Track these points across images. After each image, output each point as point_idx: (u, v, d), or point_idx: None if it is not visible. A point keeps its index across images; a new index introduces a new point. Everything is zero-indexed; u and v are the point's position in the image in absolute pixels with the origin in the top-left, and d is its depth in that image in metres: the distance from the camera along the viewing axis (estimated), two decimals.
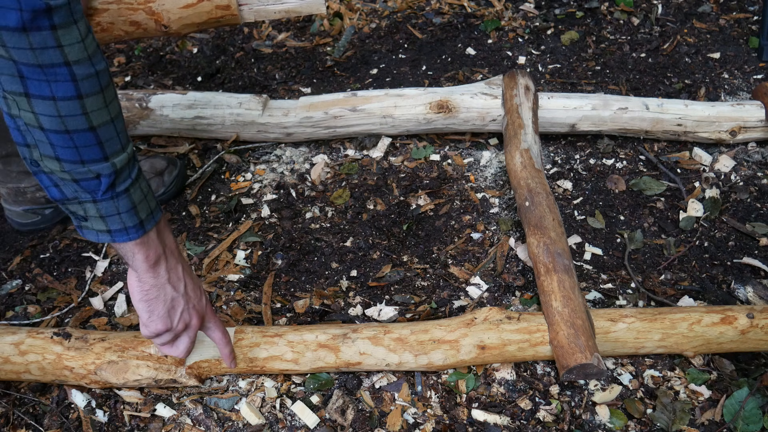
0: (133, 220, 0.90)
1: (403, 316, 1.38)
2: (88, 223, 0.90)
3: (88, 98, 0.80)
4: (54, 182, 0.85)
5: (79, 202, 0.87)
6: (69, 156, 0.82)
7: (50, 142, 0.81)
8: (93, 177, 0.85)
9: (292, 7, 1.44)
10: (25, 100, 0.78)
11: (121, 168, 0.87)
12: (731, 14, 2.28)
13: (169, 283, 1.00)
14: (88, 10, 1.36)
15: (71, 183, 0.85)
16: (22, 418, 1.21)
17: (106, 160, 0.85)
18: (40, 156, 0.83)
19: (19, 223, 1.55)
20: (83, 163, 0.83)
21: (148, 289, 0.98)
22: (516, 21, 2.28)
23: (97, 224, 0.90)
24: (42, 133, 0.80)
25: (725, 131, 1.72)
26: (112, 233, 0.91)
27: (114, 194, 0.87)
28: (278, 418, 1.21)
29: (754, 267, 1.47)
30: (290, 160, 1.77)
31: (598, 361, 1.12)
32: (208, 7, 1.39)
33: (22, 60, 0.75)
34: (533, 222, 1.39)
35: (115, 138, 0.85)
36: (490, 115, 1.71)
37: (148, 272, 0.97)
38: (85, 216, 0.89)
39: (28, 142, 0.82)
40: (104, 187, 0.86)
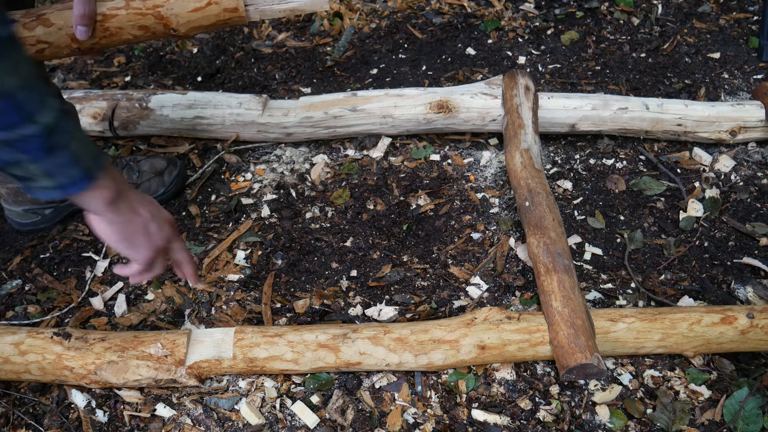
0: (79, 171, 0.91)
1: (403, 316, 1.38)
2: (35, 182, 0.90)
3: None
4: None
5: (20, 165, 0.87)
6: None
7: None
8: (22, 139, 0.84)
9: (297, 6, 1.44)
10: None
11: (53, 125, 0.86)
12: (731, 14, 2.28)
13: (134, 213, 1.02)
14: (96, 15, 1.36)
15: (5, 147, 0.84)
16: (22, 418, 1.21)
17: (32, 121, 0.84)
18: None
19: (19, 223, 1.55)
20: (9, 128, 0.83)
21: (120, 227, 1.00)
22: (516, 21, 2.28)
23: (45, 181, 0.89)
24: None
25: (725, 131, 1.72)
26: (63, 187, 0.91)
27: (51, 150, 0.87)
28: (278, 418, 1.21)
29: (754, 267, 1.47)
30: (290, 160, 1.77)
31: (598, 361, 1.12)
32: (216, 10, 1.39)
33: None
34: (533, 222, 1.39)
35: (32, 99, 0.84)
36: (490, 115, 1.71)
37: (111, 212, 0.98)
38: (30, 176, 0.89)
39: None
40: (39, 146, 0.85)
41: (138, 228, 1.03)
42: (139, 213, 1.04)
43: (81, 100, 1.76)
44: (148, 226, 1.05)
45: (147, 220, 1.05)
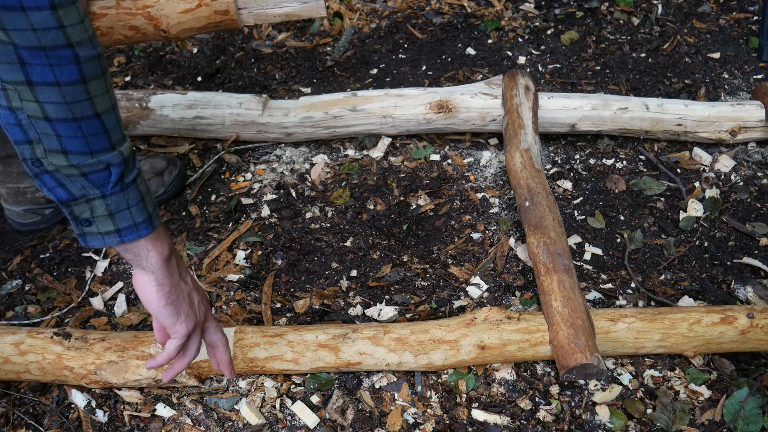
0: (143, 214, 0.86)
1: (403, 316, 1.38)
2: (93, 227, 0.85)
3: (92, 82, 0.77)
4: (59, 181, 0.80)
5: (87, 200, 0.82)
6: (77, 147, 0.78)
7: (57, 134, 0.77)
8: (103, 168, 0.81)
9: (291, 11, 1.44)
10: (28, 89, 0.74)
11: (128, 156, 0.83)
12: (731, 14, 2.28)
13: (182, 279, 0.95)
14: (86, 14, 1.36)
15: (79, 178, 0.80)
16: (22, 418, 1.21)
17: (113, 149, 0.81)
18: (44, 152, 0.78)
19: (19, 223, 1.55)
20: (92, 153, 0.79)
21: (169, 290, 0.92)
22: (516, 21, 2.28)
23: (104, 225, 0.84)
24: (47, 124, 0.76)
25: (725, 131, 1.72)
26: (120, 232, 0.85)
27: (123, 186, 0.83)
28: (278, 418, 1.21)
29: (754, 267, 1.47)
30: (290, 160, 1.77)
31: (598, 361, 1.12)
32: (206, 12, 1.39)
33: (24, 43, 0.71)
34: (533, 222, 1.39)
35: (117, 126, 0.82)
36: (490, 115, 1.71)
37: (164, 270, 0.91)
38: (91, 218, 0.84)
39: (30, 137, 0.77)
40: (114, 179, 0.82)
41: (184, 295, 0.96)
42: (185, 279, 0.97)
43: None
44: (192, 295, 0.98)
45: (191, 289, 0.98)
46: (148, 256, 0.89)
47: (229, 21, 1.41)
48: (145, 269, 0.90)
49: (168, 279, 0.92)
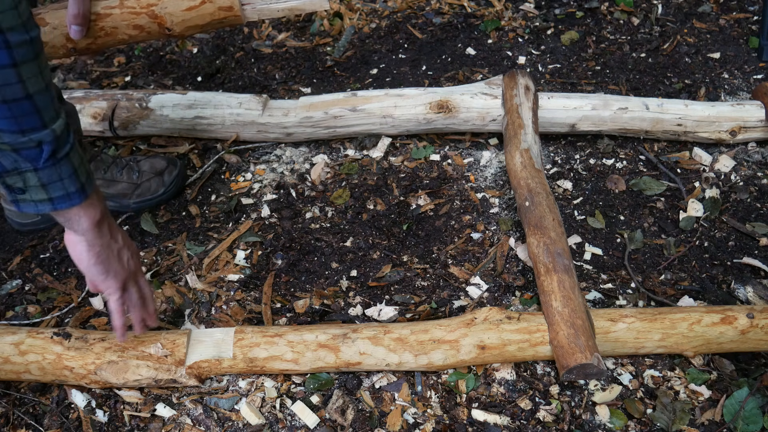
0: (75, 185, 0.90)
1: (403, 316, 1.38)
2: (26, 194, 0.89)
3: (23, 65, 0.79)
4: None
5: (19, 173, 0.86)
6: (8, 126, 0.81)
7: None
8: (34, 146, 0.84)
9: (295, 5, 1.43)
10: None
11: (61, 133, 0.86)
12: (731, 14, 2.28)
13: (112, 238, 1.02)
14: (90, 15, 1.36)
15: (11, 154, 0.84)
16: (22, 418, 1.21)
17: (45, 127, 0.84)
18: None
19: (19, 223, 1.55)
20: (23, 132, 0.82)
21: (99, 250, 0.99)
22: (516, 21, 2.28)
23: (37, 194, 0.89)
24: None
25: (725, 131, 1.72)
26: (53, 200, 0.90)
27: (56, 161, 0.87)
28: (278, 418, 1.21)
29: (754, 267, 1.47)
30: (290, 160, 1.77)
31: (598, 361, 1.12)
32: (210, 8, 1.39)
33: None
34: (533, 222, 1.39)
35: (50, 105, 0.84)
36: (490, 115, 1.71)
37: (95, 233, 0.97)
38: (24, 187, 0.88)
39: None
40: (46, 155, 0.85)
41: (114, 253, 1.03)
42: (116, 239, 1.03)
43: (81, 100, 1.76)
44: (122, 252, 1.05)
45: (121, 246, 1.05)
46: (80, 221, 0.95)
47: (233, 17, 1.41)
48: (76, 232, 0.96)
49: (98, 240, 0.98)
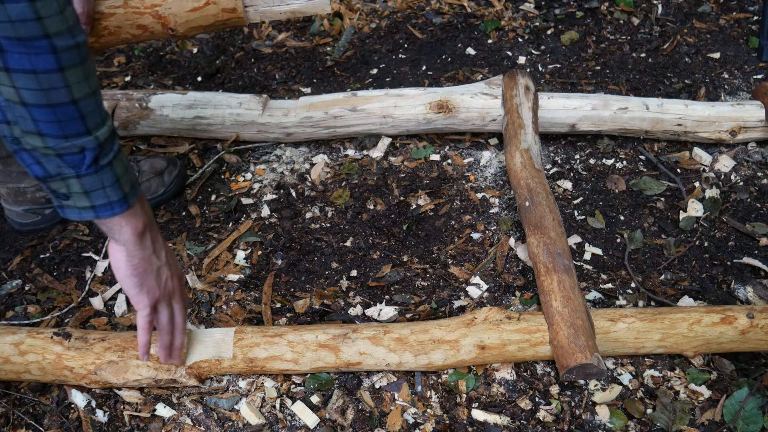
0: (118, 194, 0.90)
1: (403, 316, 1.38)
2: (70, 201, 0.89)
3: (70, 70, 0.80)
4: (36, 159, 0.85)
5: (63, 179, 0.86)
6: (52, 131, 0.82)
7: (32, 118, 0.80)
8: (77, 151, 0.84)
9: (297, 8, 1.44)
10: (5, 75, 0.77)
11: (104, 141, 0.87)
12: (731, 14, 2.28)
13: (154, 254, 1.00)
14: (94, 14, 1.36)
15: (54, 158, 0.84)
16: (22, 418, 1.21)
17: (89, 133, 0.84)
18: (21, 133, 0.82)
19: (19, 223, 1.55)
20: (67, 137, 0.83)
21: (137, 262, 0.98)
22: (516, 21, 2.28)
23: (80, 201, 0.89)
24: (24, 109, 0.80)
25: (725, 131, 1.72)
26: (96, 209, 0.90)
27: (98, 168, 0.87)
28: (278, 418, 1.21)
29: (754, 267, 1.47)
30: (290, 160, 1.77)
31: (598, 361, 1.12)
32: (214, 10, 1.39)
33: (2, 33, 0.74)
34: (533, 222, 1.39)
35: (96, 111, 0.85)
36: (490, 115, 1.71)
37: (136, 244, 0.96)
38: (68, 193, 0.88)
39: (8, 118, 0.81)
40: (89, 161, 0.85)
41: (153, 269, 1.01)
42: (159, 255, 1.02)
43: None
44: (162, 270, 1.03)
45: (162, 264, 1.03)
46: (122, 231, 0.94)
47: (236, 19, 1.41)
48: (118, 241, 0.96)
49: (138, 252, 0.97)
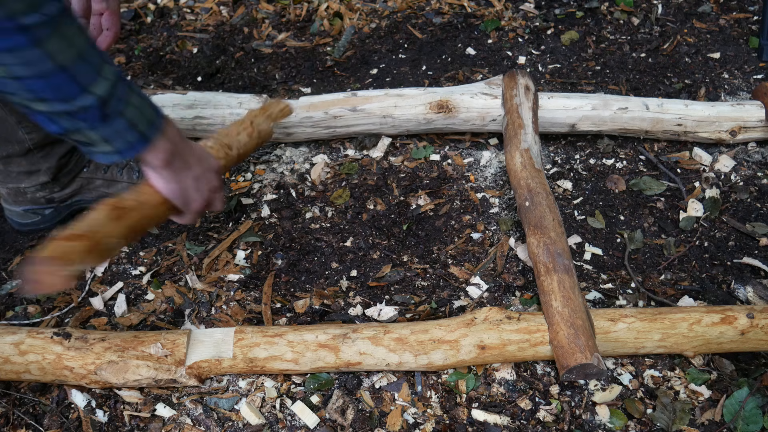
0: (135, 135, 0.96)
1: (403, 316, 1.38)
2: (94, 147, 0.95)
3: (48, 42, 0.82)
4: (50, 119, 0.89)
5: (79, 131, 0.92)
6: (52, 95, 0.86)
7: (29, 89, 0.85)
8: (83, 110, 0.89)
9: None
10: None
11: (107, 95, 0.90)
12: (731, 14, 2.28)
13: (187, 170, 1.08)
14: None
15: (65, 116, 0.89)
16: (22, 418, 1.21)
17: (87, 92, 0.88)
18: (27, 100, 0.87)
19: (19, 223, 1.55)
20: (66, 100, 0.87)
21: (174, 186, 1.07)
22: (516, 21, 2.28)
23: (103, 147, 0.95)
24: (18, 82, 0.84)
25: (725, 131, 1.72)
26: (120, 151, 0.96)
27: (108, 119, 0.91)
28: (278, 418, 1.21)
29: (754, 267, 1.47)
30: (290, 160, 1.77)
31: (598, 361, 1.12)
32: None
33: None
34: (533, 222, 1.39)
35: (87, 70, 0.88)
36: (490, 115, 1.71)
37: (167, 170, 1.05)
38: (90, 141, 0.94)
39: (9, 90, 0.85)
40: (97, 115, 0.90)
41: (190, 184, 1.10)
42: (191, 169, 1.10)
43: None
44: (199, 182, 1.12)
45: (198, 175, 1.11)
46: (152, 162, 1.02)
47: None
48: (152, 169, 1.05)
49: (172, 176, 1.06)
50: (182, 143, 1.08)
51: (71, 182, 1.53)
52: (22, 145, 1.38)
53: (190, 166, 1.10)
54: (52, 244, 0.96)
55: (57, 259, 0.95)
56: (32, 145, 1.39)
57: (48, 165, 1.45)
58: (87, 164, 1.54)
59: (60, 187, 1.51)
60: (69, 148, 1.48)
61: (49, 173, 1.46)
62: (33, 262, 0.94)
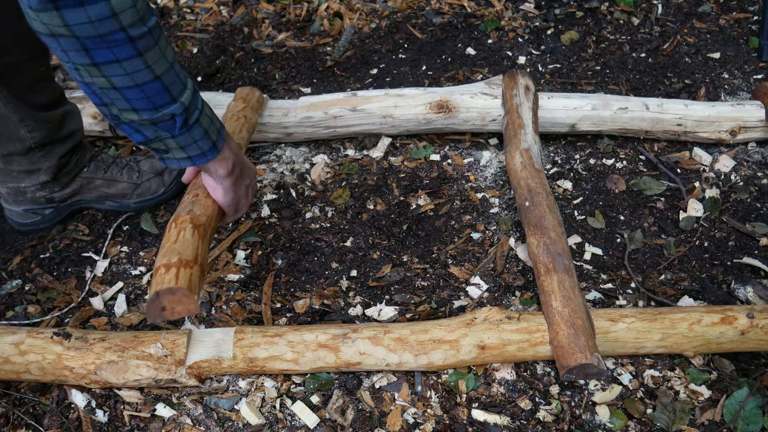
0: (208, 144, 1.06)
1: (403, 316, 1.38)
2: (169, 154, 1.05)
3: (147, 53, 0.90)
4: (135, 129, 0.99)
5: (160, 140, 1.01)
6: (144, 105, 0.94)
7: (125, 98, 0.92)
8: (168, 118, 0.97)
9: None
10: (95, 68, 0.88)
11: (189, 104, 0.99)
12: (731, 14, 2.28)
13: (241, 179, 1.20)
14: None
15: (150, 126, 0.98)
16: (22, 418, 1.21)
17: (175, 101, 0.97)
18: (119, 111, 0.95)
19: (19, 223, 1.55)
20: (157, 109, 0.95)
21: (233, 195, 1.18)
22: (516, 21, 2.28)
23: (178, 153, 1.05)
24: (116, 92, 0.91)
25: (725, 131, 1.72)
26: (192, 158, 1.06)
27: (188, 127, 1.01)
28: (278, 418, 1.21)
29: (754, 267, 1.47)
30: (290, 160, 1.77)
31: (598, 361, 1.12)
32: None
33: (84, 34, 0.83)
34: (533, 222, 1.39)
35: (176, 80, 0.96)
36: (490, 115, 1.71)
37: (230, 180, 1.15)
38: (167, 149, 1.04)
39: (105, 102, 0.94)
40: (179, 124, 0.99)
41: (243, 193, 1.22)
42: (245, 178, 1.21)
43: (81, 100, 1.76)
44: (249, 189, 1.24)
45: (249, 183, 1.23)
46: (217, 171, 1.13)
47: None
48: (215, 179, 1.15)
49: (233, 186, 1.17)
50: (240, 154, 1.18)
51: (71, 182, 1.53)
52: (24, 143, 1.38)
53: (244, 175, 1.20)
54: (177, 276, 1.02)
55: (186, 288, 1.01)
56: (33, 144, 1.39)
57: (48, 164, 1.45)
58: (87, 164, 1.54)
59: (60, 187, 1.51)
60: (70, 148, 1.48)
61: (50, 172, 1.46)
62: (163, 294, 1.00)
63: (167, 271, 1.03)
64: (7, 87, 1.30)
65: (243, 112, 1.59)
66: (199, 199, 1.20)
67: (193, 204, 1.19)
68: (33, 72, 1.34)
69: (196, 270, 1.07)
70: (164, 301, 1.00)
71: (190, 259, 1.06)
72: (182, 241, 1.10)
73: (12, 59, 1.28)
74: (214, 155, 1.09)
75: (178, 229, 1.13)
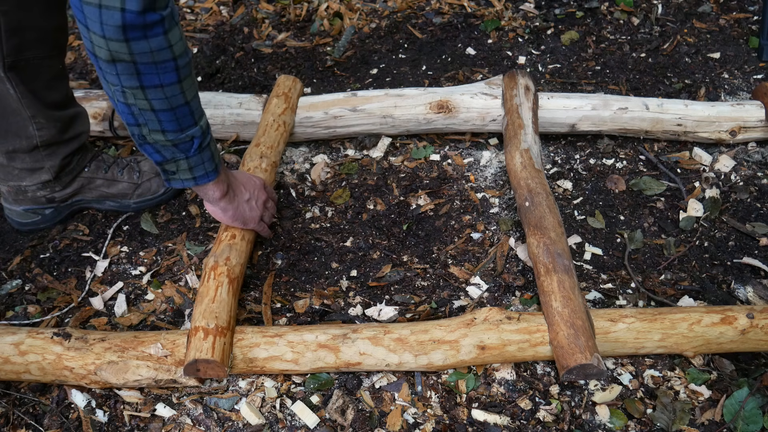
0: (212, 165, 1.17)
1: (403, 316, 1.38)
2: (176, 176, 1.16)
3: (185, 80, 1.02)
4: (156, 150, 1.10)
5: (175, 161, 1.12)
6: (172, 127, 1.06)
7: (158, 119, 1.04)
8: (189, 140, 1.10)
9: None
10: (140, 91, 0.99)
11: (206, 127, 1.12)
12: (731, 14, 2.28)
13: (238, 197, 1.31)
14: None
15: (171, 147, 1.09)
16: (22, 418, 1.21)
17: (196, 124, 1.09)
18: (148, 131, 1.06)
19: (19, 223, 1.55)
20: (182, 130, 1.08)
21: (232, 212, 1.30)
22: (516, 21, 2.28)
23: (185, 174, 1.16)
24: (153, 114, 1.03)
25: (725, 131, 1.72)
26: (196, 178, 1.17)
27: (201, 149, 1.13)
28: (278, 418, 1.21)
29: (754, 267, 1.47)
30: (290, 160, 1.77)
31: (598, 361, 1.12)
32: None
33: (142, 61, 0.95)
34: (533, 222, 1.39)
35: (199, 106, 1.09)
36: (490, 115, 1.71)
37: (225, 201, 1.27)
38: (176, 170, 1.15)
39: (139, 122, 1.04)
40: (196, 146, 1.11)
41: (243, 207, 1.33)
42: (242, 194, 1.32)
43: (81, 100, 1.76)
44: (250, 202, 1.34)
45: (248, 198, 1.34)
46: (214, 194, 1.24)
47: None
48: (212, 202, 1.28)
49: (229, 205, 1.29)
50: (231, 175, 1.30)
51: (72, 182, 1.53)
52: (30, 141, 1.39)
53: (238, 192, 1.31)
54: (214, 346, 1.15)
55: (219, 361, 1.14)
56: (40, 142, 1.40)
57: (51, 163, 1.45)
58: (88, 164, 1.54)
59: (61, 187, 1.51)
60: (74, 149, 1.48)
61: (52, 172, 1.46)
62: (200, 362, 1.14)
63: (205, 338, 1.16)
64: (24, 82, 1.31)
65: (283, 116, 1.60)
66: (235, 243, 1.33)
67: (230, 249, 1.32)
68: (51, 69, 1.35)
69: (229, 337, 1.19)
70: (200, 365, 1.15)
71: (224, 326, 1.19)
72: (219, 301, 1.22)
73: (33, 54, 1.29)
74: (215, 177, 1.19)
75: (217, 282, 1.25)
